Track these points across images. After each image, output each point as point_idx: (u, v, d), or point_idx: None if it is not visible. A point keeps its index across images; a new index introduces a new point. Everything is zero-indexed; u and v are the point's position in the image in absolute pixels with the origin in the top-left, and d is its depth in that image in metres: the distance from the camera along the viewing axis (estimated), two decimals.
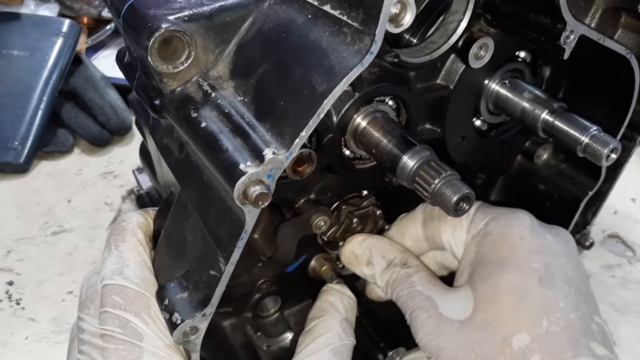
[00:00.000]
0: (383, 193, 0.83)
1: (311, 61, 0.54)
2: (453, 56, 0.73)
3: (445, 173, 0.62)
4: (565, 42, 0.64)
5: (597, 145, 0.70)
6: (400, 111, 0.73)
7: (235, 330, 0.82)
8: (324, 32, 0.55)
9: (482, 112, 0.81)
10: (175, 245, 0.65)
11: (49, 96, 1.34)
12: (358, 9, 0.52)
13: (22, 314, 0.99)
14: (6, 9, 1.48)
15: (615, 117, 0.80)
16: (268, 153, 0.51)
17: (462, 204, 0.62)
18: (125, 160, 1.36)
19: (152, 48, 0.56)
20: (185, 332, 0.58)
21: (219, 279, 0.56)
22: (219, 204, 0.57)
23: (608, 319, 1.02)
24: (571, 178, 0.88)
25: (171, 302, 0.59)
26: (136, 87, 0.66)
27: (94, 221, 1.18)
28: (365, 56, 0.50)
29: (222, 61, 0.61)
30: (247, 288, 0.78)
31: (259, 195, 0.51)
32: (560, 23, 0.63)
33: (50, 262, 1.09)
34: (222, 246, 0.56)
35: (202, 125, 0.56)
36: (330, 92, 0.50)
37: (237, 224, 0.54)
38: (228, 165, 0.52)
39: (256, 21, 0.61)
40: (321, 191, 0.76)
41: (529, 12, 0.66)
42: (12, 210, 1.21)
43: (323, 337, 0.70)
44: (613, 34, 0.78)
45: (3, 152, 1.28)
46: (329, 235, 0.81)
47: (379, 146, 0.67)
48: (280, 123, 0.53)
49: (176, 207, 0.66)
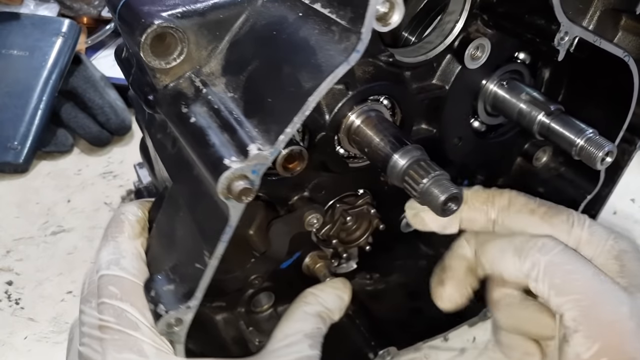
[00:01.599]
0: (379, 192, 0.83)
1: (299, 59, 0.54)
2: (449, 56, 0.73)
3: (434, 173, 0.62)
4: (560, 44, 0.64)
5: (592, 148, 0.70)
6: (396, 111, 0.73)
7: (228, 325, 0.83)
8: (313, 30, 0.55)
9: (479, 114, 0.81)
10: (165, 238, 0.66)
11: (48, 96, 1.33)
12: (346, 7, 0.52)
13: (22, 314, 0.98)
14: (6, 9, 1.47)
15: (614, 121, 0.79)
16: (253, 149, 0.52)
17: (449, 204, 0.62)
18: (124, 160, 1.35)
19: (145, 44, 0.57)
20: (169, 324, 0.59)
21: (203, 272, 0.57)
22: (206, 199, 0.57)
23: None
24: (570, 181, 0.88)
25: (157, 293, 0.60)
26: (131, 83, 0.67)
27: (93, 221, 1.18)
28: (351, 54, 0.50)
29: (215, 58, 0.62)
30: (239, 283, 0.79)
31: (243, 190, 0.51)
32: (555, 24, 0.63)
33: (49, 262, 1.08)
34: (208, 240, 0.57)
35: (191, 120, 0.57)
36: (315, 90, 0.51)
37: (222, 219, 0.55)
38: (214, 159, 0.53)
39: (249, 19, 0.61)
40: (315, 189, 0.76)
41: (524, 12, 0.66)
42: (12, 210, 1.21)
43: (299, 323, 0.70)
44: (613, 36, 0.77)
45: (2, 152, 1.27)
46: (323, 233, 0.81)
47: (371, 145, 0.67)
48: (267, 119, 0.54)
49: (168, 200, 0.66)
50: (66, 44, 1.40)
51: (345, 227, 0.84)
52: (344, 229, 0.84)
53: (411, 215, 0.73)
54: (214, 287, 0.78)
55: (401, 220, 0.89)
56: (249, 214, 0.75)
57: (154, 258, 0.67)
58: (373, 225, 0.85)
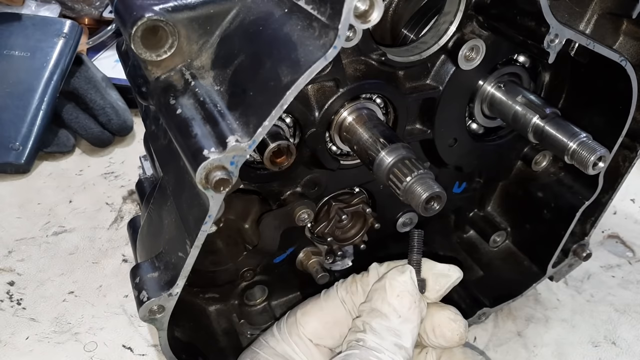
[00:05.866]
0: (375, 191, 0.84)
1: (281, 54, 0.55)
2: (443, 57, 0.73)
3: (418, 171, 0.62)
4: (550, 46, 0.63)
5: (584, 153, 0.69)
6: (389, 110, 0.74)
7: (220, 316, 0.84)
8: (296, 26, 0.56)
9: (476, 115, 0.81)
10: (154, 227, 0.67)
11: (50, 97, 1.35)
12: (326, 3, 0.53)
13: (23, 314, 0.99)
14: (7, 10, 1.49)
15: (614, 126, 0.78)
16: (231, 140, 0.53)
17: (432, 203, 0.62)
18: (126, 161, 1.36)
19: (136, 36, 0.58)
20: (151, 310, 0.60)
21: (185, 260, 0.58)
22: (190, 189, 0.59)
23: (608, 319, 1.00)
24: (569, 187, 0.87)
25: (142, 280, 0.62)
26: (128, 74, 0.69)
27: (95, 221, 1.19)
28: (329, 50, 0.51)
29: (206, 52, 0.63)
30: (231, 275, 0.80)
31: (219, 180, 0.52)
32: (544, 26, 0.62)
33: (51, 262, 1.09)
34: (189, 229, 0.58)
35: (177, 112, 0.59)
36: (293, 84, 0.52)
37: (202, 209, 0.56)
38: (194, 150, 0.54)
39: (239, 14, 0.62)
40: (308, 185, 0.77)
41: (516, 14, 0.65)
42: (14, 211, 1.22)
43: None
44: (614, 41, 0.76)
45: (4, 153, 1.29)
46: (318, 230, 0.82)
47: (360, 142, 0.68)
48: (247, 112, 0.55)
49: (158, 190, 0.68)
50: (67, 45, 1.41)
51: (340, 225, 0.84)
52: (339, 226, 0.84)
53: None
54: (206, 277, 0.80)
55: (397, 220, 0.89)
56: (245, 208, 0.77)
57: (144, 245, 0.69)
58: (368, 223, 0.85)
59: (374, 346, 0.65)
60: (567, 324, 0.99)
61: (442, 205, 0.62)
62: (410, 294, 0.68)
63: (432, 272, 0.72)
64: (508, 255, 1.00)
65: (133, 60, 0.68)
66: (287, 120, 0.68)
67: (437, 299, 0.72)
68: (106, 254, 1.11)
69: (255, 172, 0.71)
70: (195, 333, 0.77)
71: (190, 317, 0.79)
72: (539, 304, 1.02)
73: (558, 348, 0.95)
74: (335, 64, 0.65)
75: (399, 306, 0.67)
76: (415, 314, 0.67)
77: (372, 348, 0.65)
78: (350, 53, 0.67)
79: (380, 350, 0.64)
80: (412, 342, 0.67)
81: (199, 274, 0.75)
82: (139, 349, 0.92)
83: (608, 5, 0.71)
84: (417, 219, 0.91)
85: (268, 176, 0.71)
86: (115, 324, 0.96)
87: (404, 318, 0.67)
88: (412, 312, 0.67)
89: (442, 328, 0.70)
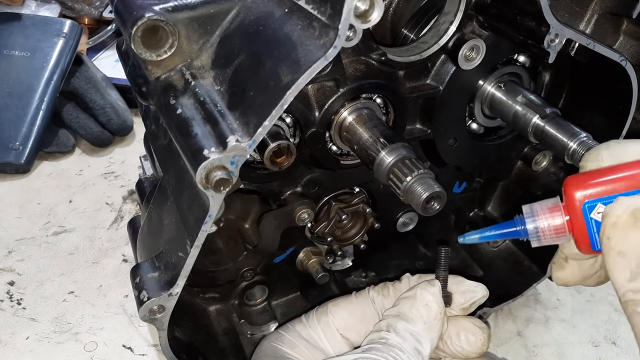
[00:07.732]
0: (375, 191, 0.84)
1: (281, 54, 0.55)
2: (443, 57, 0.73)
3: (418, 171, 0.62)
4: (550, 46, 0.63)
5: (584, 152, 0.69)
6: (389, 109, 0.74)
7: (220, 316, 0.84)
8: (296, 26, 0.56)
9: (477, 115, 0.81)
10: (154, 227, 0.67)
11: (50, 97, 1.34)
12: (327, 3, 0.53)
13: (23, 314, 0.99)
14: (7, 10, 1.49)
15: (614, 126, 0.78)
16: (231, 140, 0.53)
17: (432, 203, 0.62)
18: (126, 161, 1.36)
19: (136, 36, 0.58)
20: (151, 310, 0.60)
21: (185, 260, 0.58)
22: (190, 189, 0.59)
23: (608, 319, 0.99)
24: None
25: (142, 280, 0.62)
26: (128, 74, 0.69)
27: (95, 221, 1.19)
28: (329, 50, 0.51)
29: (206, 51, 0.63)
30: (231, 275, 0.80)
31: (220, 180, 0.52)
32: (544, 26, 0.62)
33: (51, 262, 1.09)
34: (190, 229, 0.58)
35: (177, 111, 0.59)
36: (293, 84, 0.52)
37: (202, 209, 0.56)
38: (194, 150, 0.54)
39: (239, 14, 0.62)
40: (308, 184, 0.77)
41: (516, 14, 0.65)
42: (14, 211, 1.22)
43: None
44: (614, 41, 0.76)
45: (4, 153, 1.28)
46: (318, 230, 0.82)
47: (360, 142, 0.68)
48: (247, 112, 0.55)
49: (158, 190, 0.68)
50: (67, 45, 1.41)
51: (340, 225, 0.84)
52: (339, 226, 0.84)
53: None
54: (206, 277, 0.80)
55: (397, 219, 0.89)
56: (245, 208, 0.77)
57: (144, 245, 0.69)
58: (368, 223, 0.85)
59: (396, 344, 0.66)
60: (567, 324, 0.99)
61: (442, 204, 0.62)
62: (438, 305, 0.70)
63: (459, 287, 0.74)
64: (508, 255, 0.99)
65: (133, 60, 0.68)
66: (287, 120, 0.68)
67: (461, 314, 0.74)
68: (106, 254, 1.11)
69: (256, 172, 0.71)
70: (196, 333, 0.77)
71: (191, 317, 0.79)
72: (539, 304, 1.02)
73: (558, 348, 0.95)
74: (336, 63, 0.65)
75: (425, 314, 0.69)
76: (439, 324, 0.69)
77: (393, 346, 0.66)
78: (350, 53, 0.67)
79: (402, 350, 0.66)
80: (430, 351, 0.68)
81: (199, 273, 0.75)
82: (139, 348, 0.92)
83: (608, 5, 0.71)
84: (417, 218, 0.91)
85: (268, 176, 0.71)
86: (116, 324, 0.96)
87: (429, 325, 0.68)
88: (437, 322, 0.69)
89: (467, 332, 0.72)
